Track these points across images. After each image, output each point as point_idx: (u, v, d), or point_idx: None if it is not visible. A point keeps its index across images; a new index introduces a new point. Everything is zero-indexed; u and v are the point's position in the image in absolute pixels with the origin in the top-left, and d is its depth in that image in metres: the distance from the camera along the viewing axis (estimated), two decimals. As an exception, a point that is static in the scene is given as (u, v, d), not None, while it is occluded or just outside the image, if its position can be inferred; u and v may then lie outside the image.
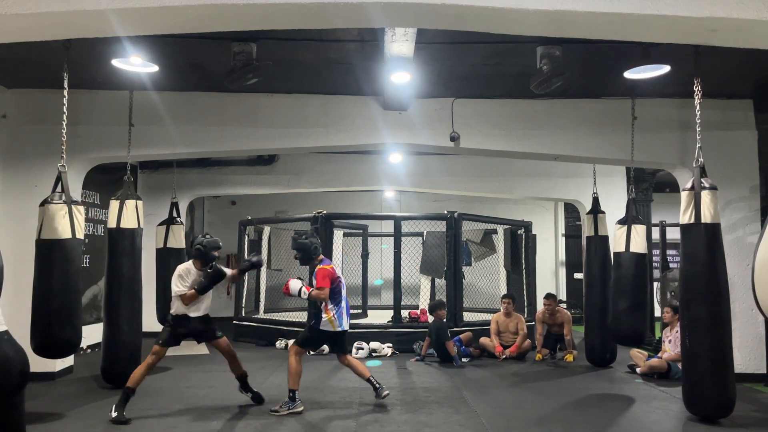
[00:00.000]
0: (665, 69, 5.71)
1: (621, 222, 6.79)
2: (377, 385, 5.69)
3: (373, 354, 8.54)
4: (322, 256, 5.75)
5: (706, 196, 5.01)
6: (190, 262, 5.56)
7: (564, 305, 11.24)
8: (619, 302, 6.70)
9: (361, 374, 5.76)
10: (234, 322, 10.65)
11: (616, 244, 6.78)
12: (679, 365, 5.96)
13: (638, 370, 7.30)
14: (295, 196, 13.28)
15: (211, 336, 5.58)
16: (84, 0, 3.44)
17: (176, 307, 5.43)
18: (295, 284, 5.62)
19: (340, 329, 5.59)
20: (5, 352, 2.63)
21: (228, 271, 5.57)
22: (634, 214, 6.88)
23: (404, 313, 9.46)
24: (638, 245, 6.65)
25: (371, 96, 7.26)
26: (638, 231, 6.65)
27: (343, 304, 5.66)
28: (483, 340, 8.71)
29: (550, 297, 8.64)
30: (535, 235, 11.16)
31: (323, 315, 5.53)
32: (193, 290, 5.34)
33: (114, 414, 5.02)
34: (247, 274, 10.75)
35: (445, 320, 8.39)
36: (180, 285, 5.38)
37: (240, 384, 5.76)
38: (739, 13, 3.47)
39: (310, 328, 5.73)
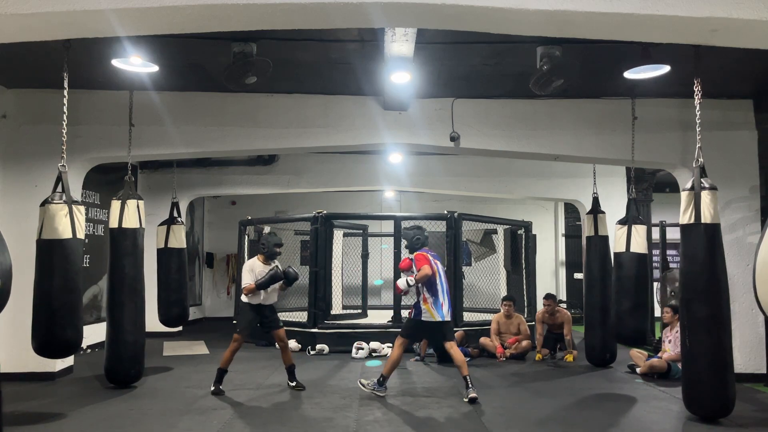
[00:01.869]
0: (665, 69, 5.71)
1: (621, 222, 6.79)
2: (469, 385, 5.84)
3: (373, 354, 8.54)
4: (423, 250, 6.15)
5: (706, 196, 5.01)
6: (255, 258, 6.29)
7: (564, 305, 11.25)
8: (620, 302, 6.69)
9: (460, 367, 5.93)
10: (234, 322, 10.63)
11: (617, 244, 6.78)
12: (679, 365, 5.96)
13: (638, 370, 7.30)
14: (295, 196, 13.29)
15: (274, 325, 6.28)
16: (84, 0, 3.44)
17: (243, 297, 6.18)
18: (401, 281, 6.03)
19: (440, 319, 5.90)
20: None
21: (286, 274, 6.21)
22: (635, 214, 6.88)
23: (404, 313, 9.45)
24: (639, 245, 6.64)
25: (371, 96, 7.26)
26: (639, 231, 6.65)
27: (441, 296, 5.96)
28: (483, 340, 8.72)
29: (549, 297, 8.65)
30: (535, 235, 11.16)
31: (422, 306, 5.92)
32: (252, 284, 6.02)
33: (212, 388, 6.04)
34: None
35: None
36: (246, 277, 6.12)
37: (288, 374, 6.36)
38: (739, 13, 3.47)
39: (411, 320, 6.09)
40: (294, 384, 6.34)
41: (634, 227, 6.64)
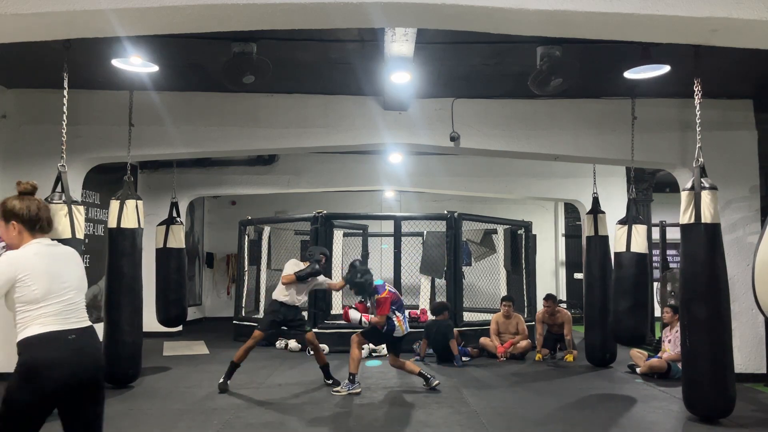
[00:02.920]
0: (665, 69, 5.71)
1: (621, 222, 6.79)
2: (428, 376, 6.37)
3: (373, 354, 8.53)
4: (375, 286, 6.33)
5: (706, 196, 5.01)
6: (300, 261, 6.64)
7: (564, 305, 11.25)
8: (620, 302, 6.69)
9: (410, 371, 6.46)
10: (234, 322, 10.65)
11: (617, 244, 6.78)
12: (679, 365, 5.96)
13: (638, 370, 7.30)
14: (295, 196, 13.28)
15: (302, 328, 6.53)
16: (84, 0, 3.44)
17: (275, 293, 6.50)
18: (354, 314, 6.33)
19: (406, 332, 6.33)
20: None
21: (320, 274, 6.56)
22: (635, 214, 6.87)
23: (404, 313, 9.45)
24: (639, 245, 6.64)
25: (371, 96, 7.26)
26: (639, 231, 6.64)
27: (403, 310, 6.38)
28: (483, 340, 8.72)
29: (549, 299, 8.63)
30: (535, 235, 11.17)
31: (396, 323, 6.22)
32: (292, 275, 6.31)
33: (221, 380, 6.18)
34: (247, 275, 10.91)
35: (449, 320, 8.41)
36: (288, 269, 6.41)
37: (323, 373, 6.55)
38: (739, 13, 3.47)
39: (381, 332, 6.28)
40: (330, 382, 6.48)
41: (635, 227, 6.64)
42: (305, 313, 9.26)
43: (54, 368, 2.50)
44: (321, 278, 6.65)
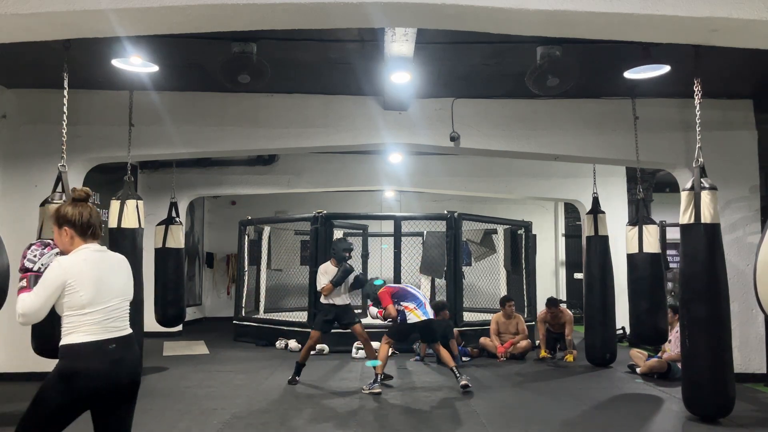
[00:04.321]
0: (665, 69, 5.71)
1: (632, 223, 6.77)
2: (458, 374, 6.33)
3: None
4: (370, 280, 6.73)
5: (706, 196, 5.01)
6: (328, 262, 6.84)
7: (564, 305, 11.24)
8: (639, 304, 6.65)
9: (446, 362, 6.48)
10: (234, 322, 10.65)
11: (629, 246, 6.74)
12: (679, 365, 5.95)
13: (638, 370, 7.30)
14: (295, 196, 13.28)
15: (351, 322, 6.73)
16: (84, 0, 3.44)
17: (322, 298, 6.71)
18: (372, 311, 6.63)
19: (424, 318, 6.37)
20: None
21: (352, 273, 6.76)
22: (645, 214, 6.84)
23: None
24: (652, 245, 6.63)
25: (371, 96, 7.26)
26: (650, 231, 6.64)
27: (420, 298, 6.52)
28: (483, 340, 8.72)
29: (552, 304, 8.50)
30: (535, 235, 11.16)
31: (407, 312, 6.37)
32: (329, 284, 6.57)
33: (290, 377, 6.57)
34: (247, 275, 10.93)
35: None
36: (321, 279, 6.67)
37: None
38: (739, 13, 3.47)
39: (399, 323, 6.44)
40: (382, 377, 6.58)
41: (646, 227, 6.62)
42: (305, 314, 9.34)
43: (92, 378, 2.56)
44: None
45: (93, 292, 2.60)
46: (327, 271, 6.73)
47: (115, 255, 2.82)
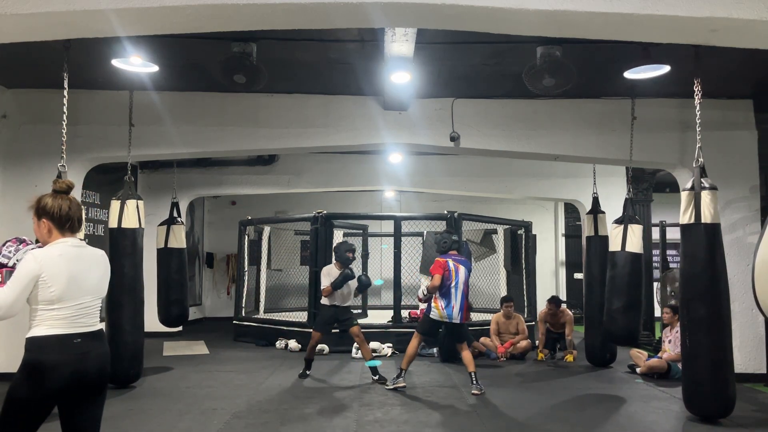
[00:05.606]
0: (665, 69, 5.71)
1: (618, 221, 6.77)
2: (473, 381, 6.24)
3: (374, 354, 8.51)
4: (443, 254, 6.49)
5: (706, 196, 5.01)
6: (332, 264, 6.97)
7: (564, 305, 11.23)
8: (613, 302, 6.64)
9: (466, 365, 6.37)
10: (234, 322, 10.65)
11: (612, 244, 6.75)
12: (679, 365, 5.96)
13: (638, 370, 7.30)
14: (295, 196, 13.28)
15: (349, 324, 6.84)
16: (84, 0, 3.44)
17: (323, 299, 6.86)
18: (422, 289, 6.51)
19: (447, 320, 6.27)
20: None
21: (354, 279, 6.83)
22: (632, 213, 6.84)
23: (404, 313, 9.46)
24: (634, 245, 6.61)
25: (371, 96, 7.26)
26: (634, 231, 6.61)
27: (453, 299, 6.27)
28: (483, 340, 8.71)
29: (553, 302, 8.55)
30: (535, 235, 11.16)
31: (433, 304, 6.32)
32: (329, 286, 6.68)
33: (300, 371, 6.87)
34: (247, 275, 10.93)
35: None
36: (324, 281, 6.79)
37: (370, 370, 6.78)
38: (739, 13, 3.47)
39: (425, 315, 6.47)
40: (377, 378, 6.65)
41: (630, 227, 6.61)
42: (305, 314, 9.34)
43: (56, 369, 2.53)
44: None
45: (64, 289, 2.56)
46: (330, 273, 6.82)
47: (93, 251, 2.76)
